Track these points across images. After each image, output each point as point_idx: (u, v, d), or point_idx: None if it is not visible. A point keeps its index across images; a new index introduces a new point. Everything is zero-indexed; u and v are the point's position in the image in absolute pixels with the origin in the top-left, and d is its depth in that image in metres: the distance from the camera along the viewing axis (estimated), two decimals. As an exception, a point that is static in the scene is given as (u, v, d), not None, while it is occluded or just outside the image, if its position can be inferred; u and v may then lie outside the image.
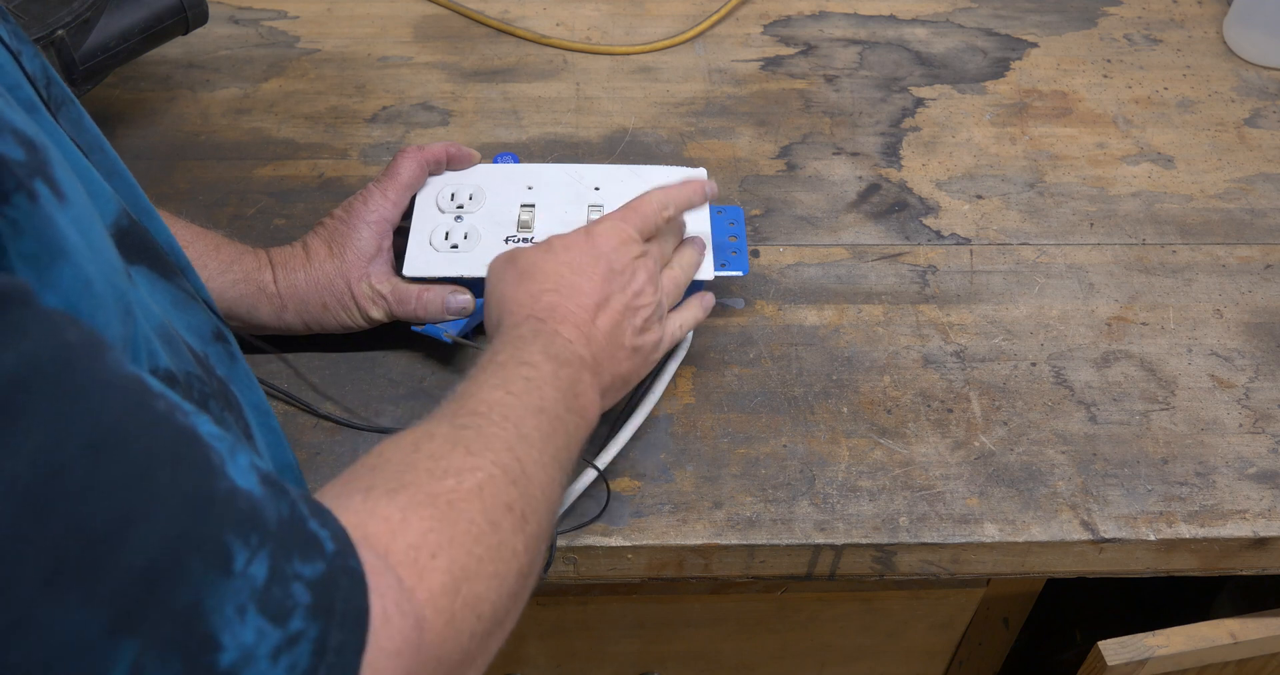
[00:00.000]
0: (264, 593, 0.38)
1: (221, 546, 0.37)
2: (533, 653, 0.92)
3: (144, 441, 0.36)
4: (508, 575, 0.49)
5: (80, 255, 0.40)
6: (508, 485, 0.51)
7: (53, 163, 0.41)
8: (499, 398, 0.57)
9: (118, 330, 0.43)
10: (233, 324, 0.78)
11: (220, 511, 0.38)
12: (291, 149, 0.97)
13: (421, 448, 0.51)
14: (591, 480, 0.74)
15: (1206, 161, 1.00)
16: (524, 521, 0.51)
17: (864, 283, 0.89)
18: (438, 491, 0.48)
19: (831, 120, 1.02)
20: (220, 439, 0.40)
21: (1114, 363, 0.85)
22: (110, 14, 0.84)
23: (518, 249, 0.69)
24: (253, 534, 0.38)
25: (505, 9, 1.11)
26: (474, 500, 0.49)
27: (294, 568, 0.39)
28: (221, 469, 0.39)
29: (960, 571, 0.77)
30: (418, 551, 0.45)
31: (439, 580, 0.45)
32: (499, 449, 0.53)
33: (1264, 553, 0.77)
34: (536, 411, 0.57)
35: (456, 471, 0.50)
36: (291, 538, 0.40)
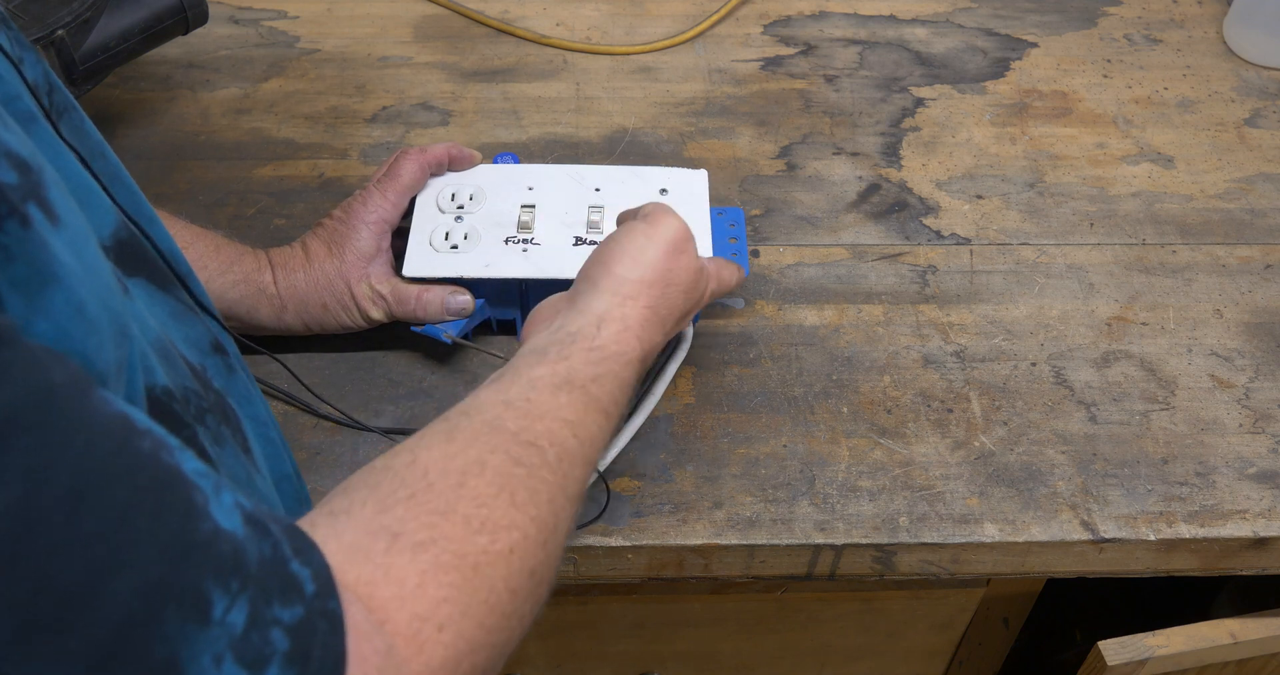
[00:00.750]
0: (242, 640, 0.37)
1: (200, 595, 0.36)
2: (533, 653, 0.92)
3: (125, 487, 0.36)
4: (510, 643, 0.48)
5: (73, 279, 0.39)
6: (538, 547, 0.49)
7: (47, 184, 0.41)
8: (564, 437, 0.53)
9: (111, 354, 0.42)
10: (233, 324, 0.78)
11: (200, 558, 0.37)
12: (291, 149, 0.97)
13: (468, 483, 0.48)
14: (591, 481, 0.73)
15: (1206, 161, 1.00)
16: (541, 585, 0.49)
17: (864, 283, 0.89)
18: (468, 551, 0.45)
19: (831, 120, 1.02)
20: (205, 476, 0.39)
21: (1114, 363, 0.85)
22: (110, 14, 0.84)
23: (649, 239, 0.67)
24: (233, 579, 0.37)
25: (505, 9, 1.11)
26: (501, 565, 0.46)
27: (273, 613, 0.38)
28: (204, 510, 0.38)
29: (960, 571, 0.77)
30: (424, 623, 0.43)
31: (440, 655, 0.43)
32: (543, 501, 0.50)
33: (1264, 553, 0.77)
34: (585, 463, 0.55)
35: (494, 527, 0.47)
36: (272, 580, 0.39)
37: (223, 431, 0.55)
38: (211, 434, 0.53)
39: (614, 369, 0.59)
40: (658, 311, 0.64)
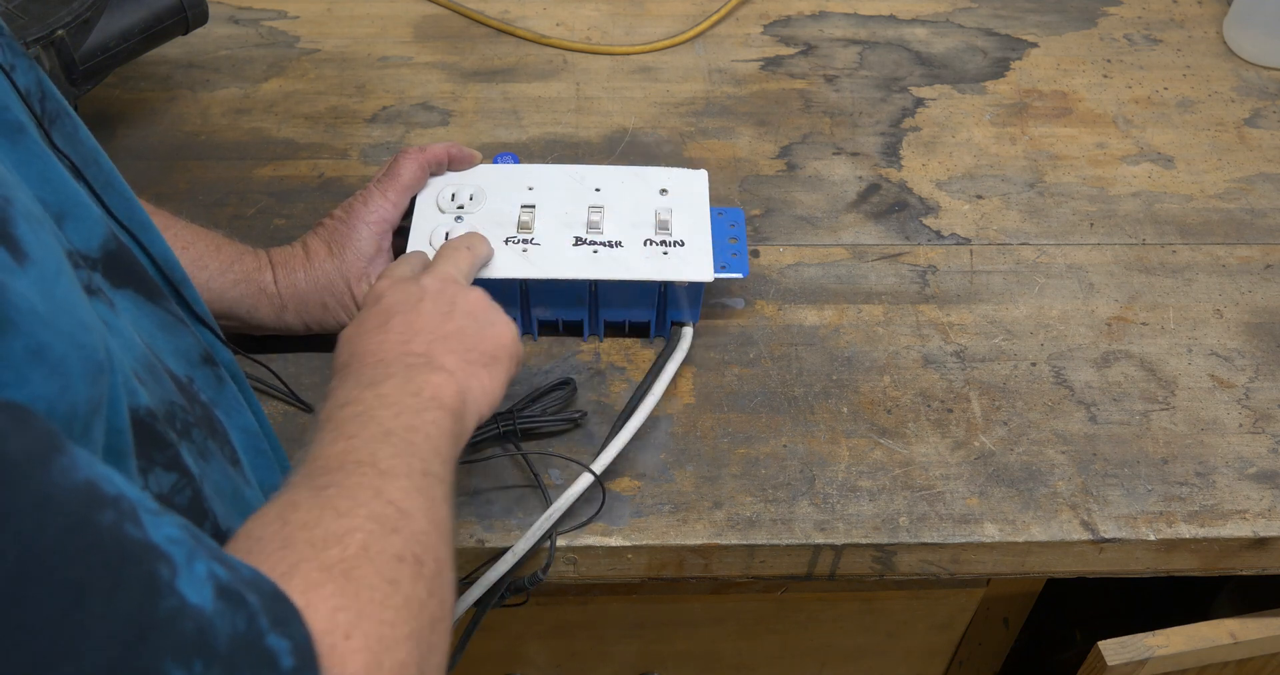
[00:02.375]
0: None
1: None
2: (533, 653, 0.92)
3: (80, 566, 0.34)
4: (422, 630, 0.47)
5: (34, 322, 0.38)
6: (390, 535, 0.49)
7: (15, 218, 0.39)
8: (342, 447, 0.54)
9: (81, 393, 0.40)
10: (233, 324, 0.78)
11: (159, 638, 0.35)
12: (291, 149, 0.97)
13: (289, 519, 0.48)
14: (589, 484, 0.74)
15: (1206, 161, 1.00)
16: (420, 565, 0.49)
17: (864, 283, 0.89)
18: (328, 563, 0.45)
19: (831, 120, 1.02)
20: (178, 544, 0.38)
21: (1114, 363, 0.85)
22: (110, 14, 0.84)
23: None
24: (196, 659, 0.36)
25: (505, 9, 1.11)
26: (365, 563, 0.46)
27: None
28: (170, 585, 0.36)
29: (960, 571, 0.77)
30: (332, 636, 0.43)
31: (361, 661, 0.43)
32: (367, 499, 0.50)
33: (1264, 553, 0.77)
34: (383, 437, 0.55)
35: (336, 537, 0.47)
36: (243, 658, 0.37)
37: (209, 445, 0.54)
38: (197, 448, 0.53)
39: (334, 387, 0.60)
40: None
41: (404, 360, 0.61)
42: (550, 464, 0.77)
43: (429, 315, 0.65)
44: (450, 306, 0.66)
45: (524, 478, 0.76)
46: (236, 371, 0.64)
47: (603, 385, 0.81)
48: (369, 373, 0.60)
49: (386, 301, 0.66)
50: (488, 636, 0.88)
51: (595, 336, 0.84)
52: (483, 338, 0.66)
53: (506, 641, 0.90)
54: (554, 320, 0.83)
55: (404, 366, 0.61)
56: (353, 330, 0.65)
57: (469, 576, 0.73)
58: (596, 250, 0.79)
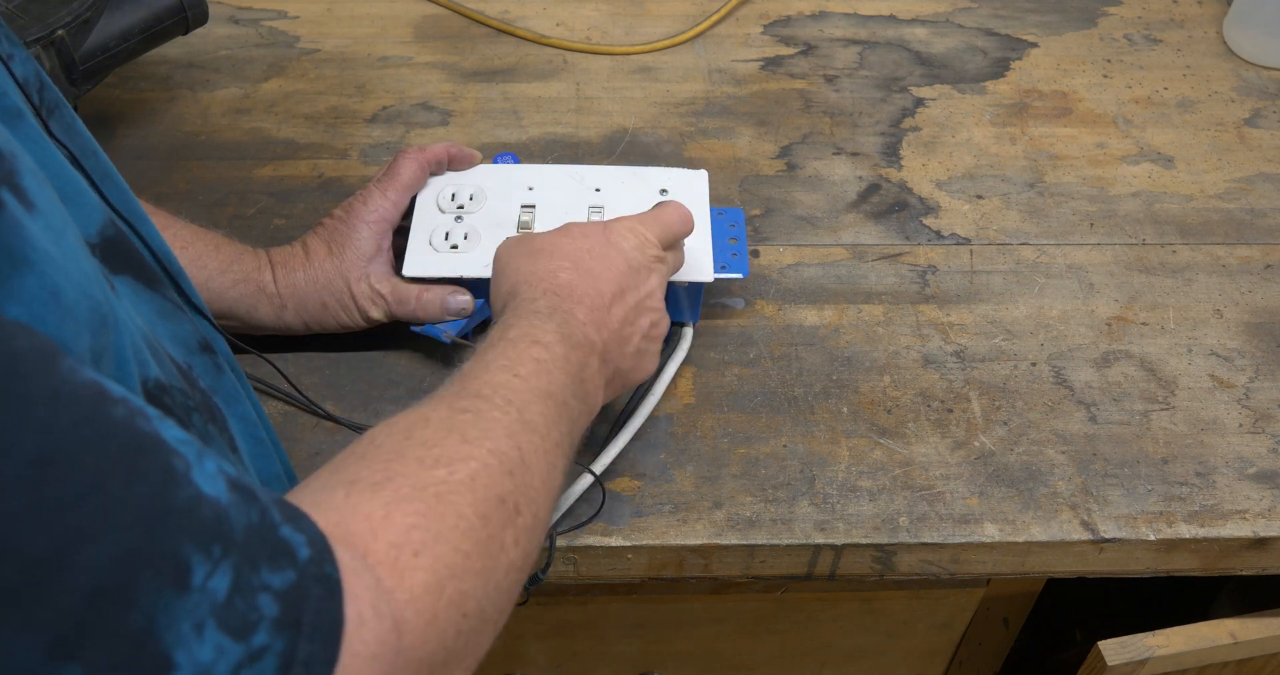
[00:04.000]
0: (225, 607, 0.36)
1: (178, 561, 0.36)
2: (533, 653, 0.92)
3: (96, 452, 0.35)
4: (495, 570, 0.48)
5: (48, 264, 0.39)
6: (503, 476, 0.50)
7: (21, 171, 0.40)
8: (505, 380, 0.55)
9: (86, 341, 0.41)
10: (232, 323, 0.78)
11: (179, 523, 0.36)
12: (291, 149, 0.97)
13: (414, 434, 0.50)
14: (588, 484, 0.74)
15: (1206, 161, 1.00)
16: (517, 514, 0.50)
17: (864, 283, 0.89)
18: (426, 483, 0.47)
19: (831, 120, 1.02)
20: (186, 443, 0.39)
21: (1114, 363, 0.85)
22: (110, 14, 0.84)
23: (530, 233, 0.69)
24: (215, 544, 0.37)
25: (505, 9, 1.11)
26: (464, 492, 0.47)
27: (261, 578, 0.38)
28: (185, 476, 0.37)
29: (960, 571, 0.77)
30: (400, 550, 0.44)
31: (421, 579, 0.44)
32: (499, 436, 0.51)
33: (1264, 553, 0.77)
34: (544, 396, 0.56)
35: (449, 460, 0.48)
36: (259, 546, 0.38)
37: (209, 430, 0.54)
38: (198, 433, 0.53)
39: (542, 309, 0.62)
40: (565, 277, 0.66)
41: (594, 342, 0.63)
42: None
43: (631, 317, 0.67)
44: (649, 326, 0.68)
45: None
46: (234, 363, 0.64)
47: (603, 385, 0.81)
48: (574, 327, 0.62)
49: (626, 262, 0.67)
50: (488, 636, 0.88)
51: (595, 336, 0.84)
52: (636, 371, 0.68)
53: (506, 641, 0.90)
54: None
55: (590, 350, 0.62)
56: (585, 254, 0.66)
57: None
58: (596, 250, 0.79)
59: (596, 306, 0.64)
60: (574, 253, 0.66)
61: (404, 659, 0.42)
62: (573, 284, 0.64)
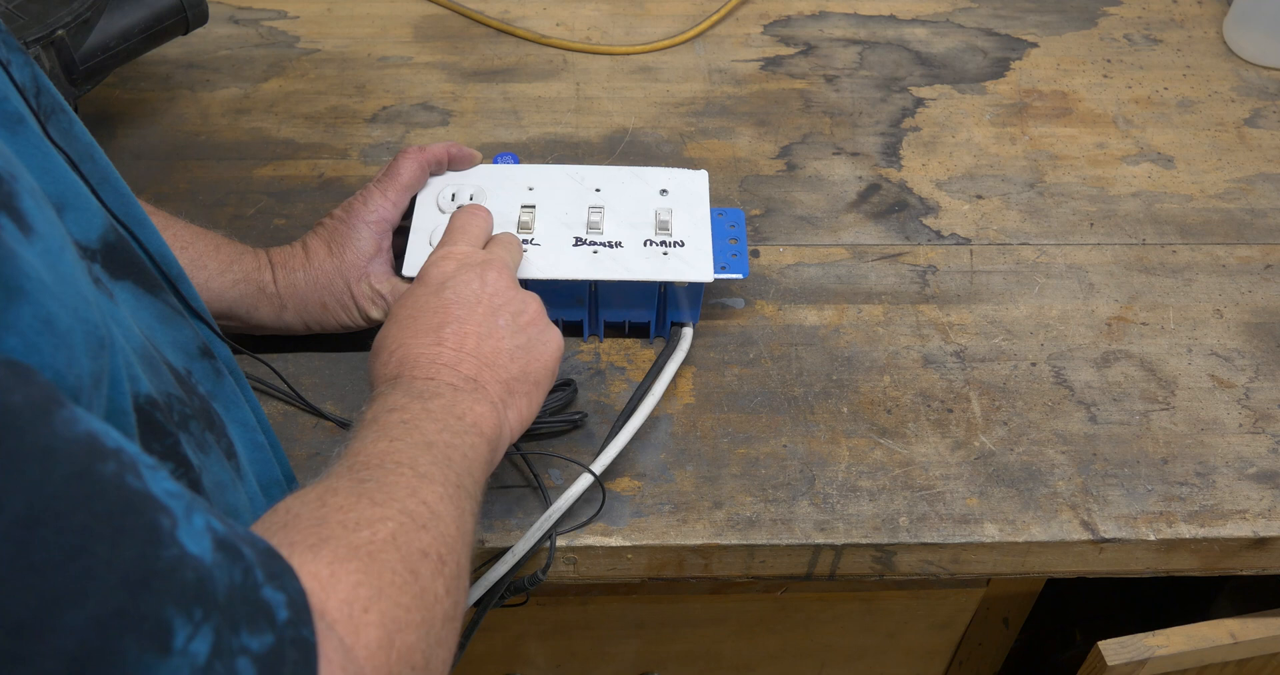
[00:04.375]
0: (205, 670, 0.36)
1: (161, 623, 0.36)
2: (533, 653, 0.92)
3: (84, 512, 0.35)
4: (434, 622, 0.49)
5: (42, 292, 0.39)
6: (419, 531, 0.51)
7: (20, 193, 0.40)
8: (384, 448, 0.56)
9: (85, 366, 0.41)
10: (233, 324, 0.78)
11: (161, 585, 0.36)
12: (291, 149, 0.97)
13: (328, 502, 0.50)
14: (588, 485, 0.74)
15: (1206, 161, 1.00)
16: (442, 564, 0.51)
17: (864, 283, 0.89)
18: (356, 543, 0.48)
19: (831, 120, 1.02)
20: (177, 497, 0.39)
21: (1114, 363, 0.85)
22: (110, 14, 0.84)
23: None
24: (197, 607, 0.37)
25: (505, 9, 1.11)
26: (391, 550, 0.48)
27: (240, 641, 0.38)
28: (170, 535, 0.37)
29: (960, 571, 0.77)
30: (351, 607, 0.44)
31: (374, 635, 0.45)
32: (403, 496, 0.52)
33: (1264, 553, 0.77)
34: (425, 447, 0.56)
35: (369, 522, 0.49)
36: (241, 607, 0.38)
37: (207, 437, 0.54)
38: (195, 440, 0.53)
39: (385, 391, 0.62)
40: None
41: (453, 383, 0.62)
42: (550, 464, 0.77)
43: (485, 328, 0.65)
44: (510, 318, 0.67)
45: (524, 478, 0.76)
46: (234, 366, 0.64)
47: (603, 385, 0.81)
48: (419, 386, 0.61)
49: (447, 295, 0.66)
50: (488, 636, 0.88)
51: (595, 337, 0.84)
52: (531, 360, 0.67)
53: (506, 641, 0.90)
54: (554, 320, 0.83)
55: (452, 389, 0.62)
56: (405, 322, 0.65)
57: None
58: (596, 250, 0.79)
59: (431, 358, 0.63)
60: (395, 332, 0.65)
61: None
62: (402, 359, 0.64)
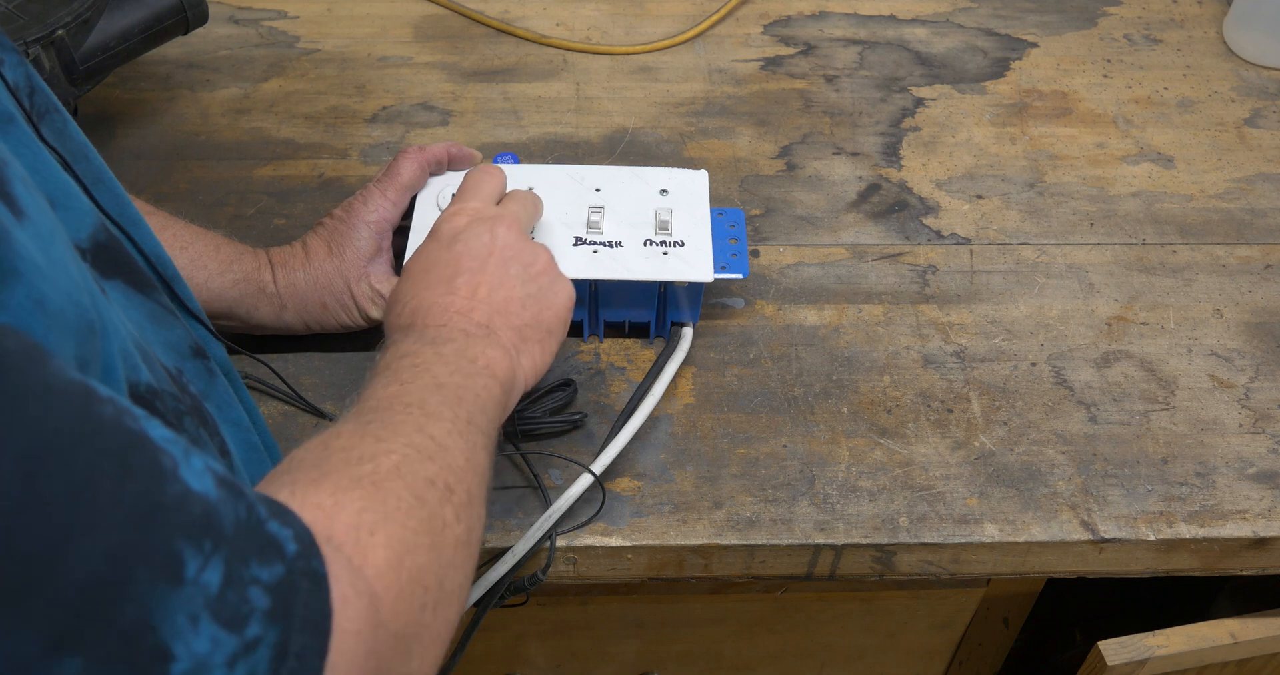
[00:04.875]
0: (218, 599, 0.37)
1: (171, 554, 0.36)
2: (533, 653, 0.92)
3: (87, 449, 0.35)
4: (444, 545, 0.49)
5: (34, 274, 0.39)
6: (424, 461, 0.51)
7: (11, 178, 0.40)
8: (394, 391, 0.57)
9: (71, 349, 0.41)
10: (233, 324, 0.78)
11: (170, 518, 0.37)
12: (291, 149, 0.97)
13: (331, 444, 0.51)
14: (588, 485, 0.73)
15: (1206, 161, 1.00)
16: (449, 492, 0.51)
17: (864, 283, 0.89)
18: (359, 475, 0.48)
19: (831, 120, 1.02)
20: (173, 442, 0.39)
21: (1114, 363, 0.85)
22: (110, 14, 0.84)
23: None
24: (205, 539, 0.37)
25: (505, 9, 1.11)
26: (394, 479, 0.49)
27: (251, 572, 0.38)
28: (174, 473, 0.38)
29: (960, 571, 0.77)
30: (357, 530, 0.45)
31: (382, 555, 0.45)
32: (408, 431, 0.53)
33: (1264, 553, 0.77)
34: (434, 388, 0.57)
35: (371, 456, 0.50)
36: (249, 541, 0.39)
37: (200, 434, 0.55)
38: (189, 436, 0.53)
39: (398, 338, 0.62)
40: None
41: (465, 328, 0.63)
42: (550, 464, 0.77)
43: (496, 278, 0.66)
44: (521, 269, 0.67)
45: (524, 478, 0.76)
46: (229, 367, 0.64)
47: (603, 385, 0.81)
48: (431, 333, 0.62)
49: (458, 248, 0.66)
50: (488, 636, 0.88)
51: (595, 337, 0.84)
52: (543, 309, 0.67)
53: (506, 641, 0.90)
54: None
55: (464, 334, 0.62)
56: (418, 276, 0.65)
57: (469, 576, 0.73)
58: (596, 250, 0.79)
59: (444, 306, 0.64)
60: (410, 287, 0.66)
61: (383, 632, 0.44)
62: (415, 310, 0.64)
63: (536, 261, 0.68)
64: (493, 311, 0.64)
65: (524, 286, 0.66)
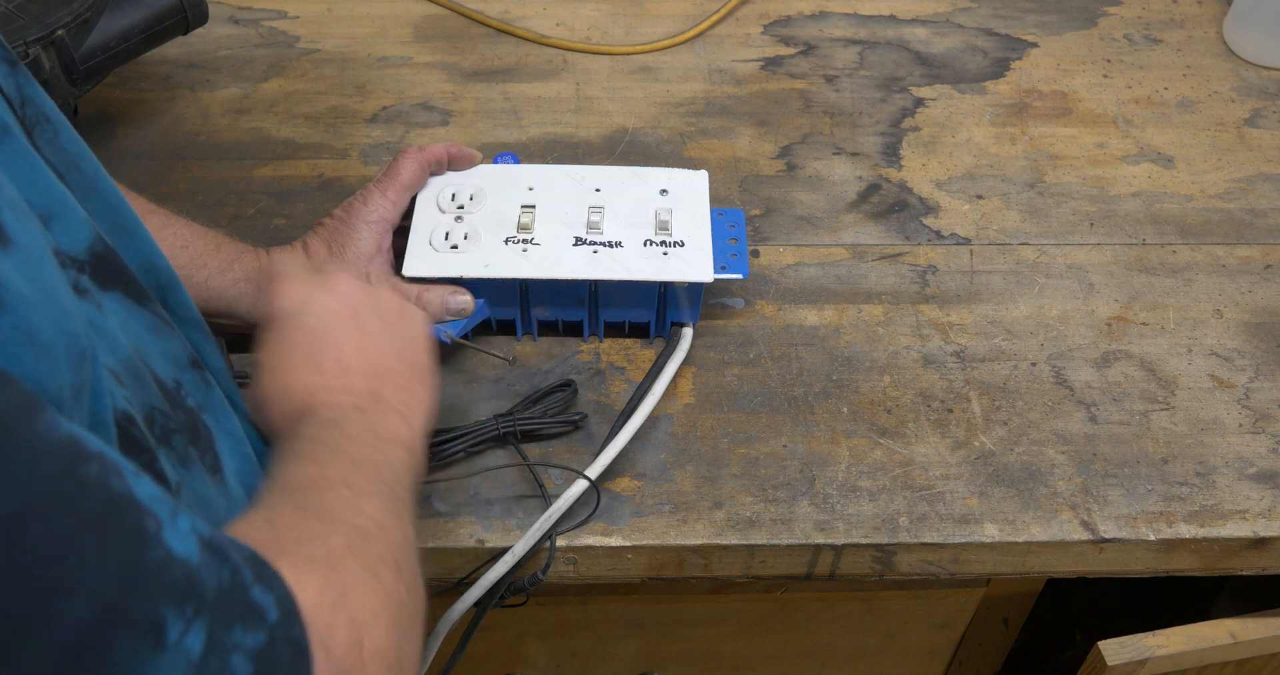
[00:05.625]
0: (200, 665, 0.36)
1: (153, 618, 0.36)
2: (533, 653, 0.92)
3: (70, 511, 0.35)
4: (401, 622, 0.49)
5: (22, 304, 0.39)
6: (370, 541, 0.51)
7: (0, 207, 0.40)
8: (315, 471, 0.55)
9: (66, 378, 0.41)
10: (232, 322, 0.78)
11: (151, 583, 0.36)
12: (291, 149, 0.97)
13: (276, 523, 0.50)
14: (583, 489, 0.73)
15: (1206, 161, 1.00)
16: (399, 569, 0.50)
17: (864, 283, 0.89)
18: (314, 555, 0.47)
19: (831, 120, 1.02)
20: (159, 501, 0.39)
21: (1114, 363, 0.85)
22: (110, 14, 0.84)
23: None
24: (188, 604, 0.37)
25: (505, 9, 1.11)
26: (348, 558, 0.48)
27: (234, 638, 0.38)
28: (156, 536, 0.37)
29: (960, 571, 0.77)
30: (320, 609, 0.44)
31: (346, 635, 0.44)
32: (345, 511, 0.52)
33: (1264, 553, 0.77)
34: (354, 467, 0.56)
35: (321, 536, 0.49)
36: (232, 607, 0.39)
37: (190, 452, 0.54)
38: (177, 455, 0.53)
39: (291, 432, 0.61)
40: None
41: (356, 404, 0.62)
42: (550, 464, 0.77)
43: (357, 339, 0.64)
44: (376, 319, 0.66)
45: (524, 478, 0.76)
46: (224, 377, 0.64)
47: (603, 385, 0.81)
48: (325, 415, 0.61)
49: (310, 323, 0.64)
50: (488, 636, 0.88)
51: (595, 337, 0.84)
52: (408, 349, 0.66)
53: (506, 641, 0.90)
54: (554, 320, 0.83)
55: (358, 411, 0.61)
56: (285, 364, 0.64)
57: (469, 577, 0.73)
58: (596, 250, 0.79)
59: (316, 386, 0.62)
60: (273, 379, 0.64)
61: None
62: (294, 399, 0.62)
63: (383, 303, 0.67)
64: (372, 378, 0.63)
65: (386, 336, 0.65)
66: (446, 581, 0.74)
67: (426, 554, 0.73)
